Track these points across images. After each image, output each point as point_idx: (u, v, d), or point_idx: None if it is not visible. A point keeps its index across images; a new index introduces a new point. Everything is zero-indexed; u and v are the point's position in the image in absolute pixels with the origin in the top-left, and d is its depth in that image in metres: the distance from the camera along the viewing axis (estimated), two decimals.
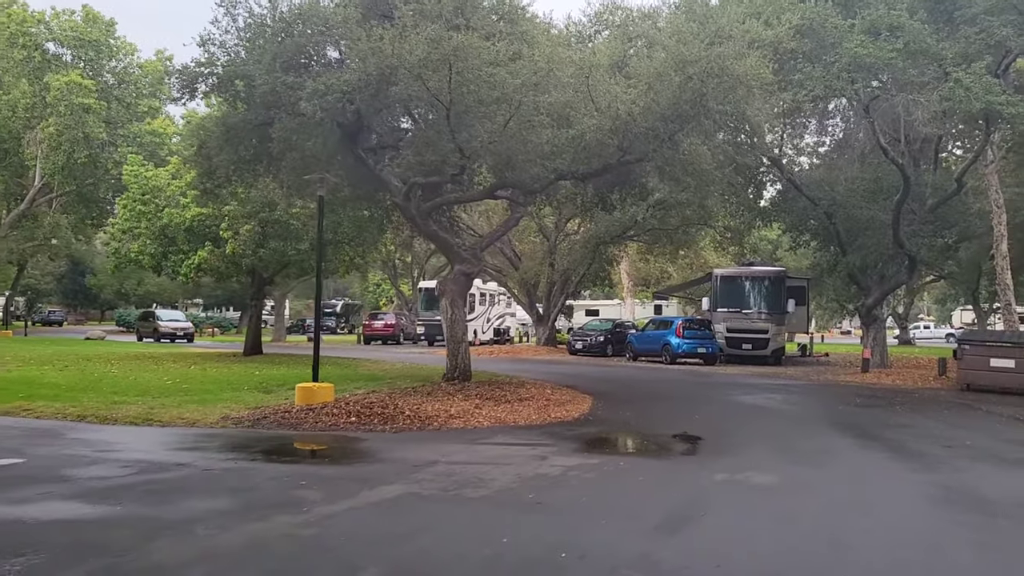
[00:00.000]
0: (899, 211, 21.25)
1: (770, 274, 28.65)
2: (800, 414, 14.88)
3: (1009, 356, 19.02)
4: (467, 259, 17.00)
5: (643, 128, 13.85)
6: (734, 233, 32.28)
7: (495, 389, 15.88)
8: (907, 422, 13.74)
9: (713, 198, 29.46)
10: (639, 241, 35.27)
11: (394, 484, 8.02)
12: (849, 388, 19.92)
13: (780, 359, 28.11)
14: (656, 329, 28.71)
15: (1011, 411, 15.64)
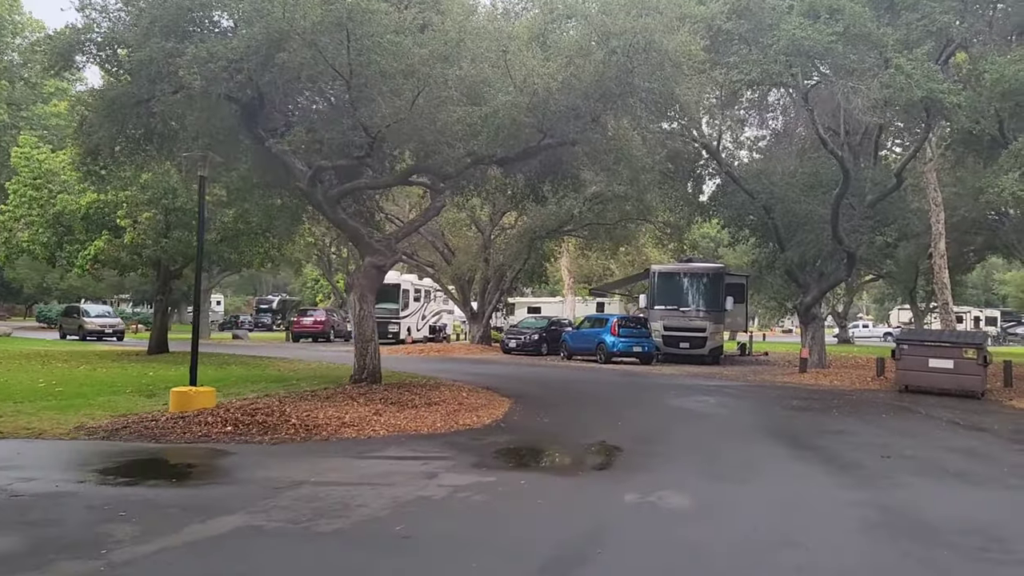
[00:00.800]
0: (838, 206, 20.48)
1: (709, 271, 27.81)
2: (731, 419, 13.85)
3: (947, 356, 18.34)
4: (379, 251, 15.59)
5: (564, 107, 12.64)
6: (674, 229, 31.42)
7: (404, 392, 14.52)
8: (844, 428, 12.79)
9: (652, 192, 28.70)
10: (577, 236, 34.23)
11: (235, 514, 6.64)
12: (786, 389, 19.06)
13: (718, 358, 27.29)
14: (591, 327, 27.64)
15: (950, 415, 14.86)
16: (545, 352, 30.00)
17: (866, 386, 20.19)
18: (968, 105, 16.85)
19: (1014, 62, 16.37)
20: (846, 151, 22.53)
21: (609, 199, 28.42)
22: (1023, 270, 51.56)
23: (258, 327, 61.82)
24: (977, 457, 10.45)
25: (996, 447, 11.42)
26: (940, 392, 18.57)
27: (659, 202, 29.62)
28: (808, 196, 21.89)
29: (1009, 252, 40.95)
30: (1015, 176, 16.13)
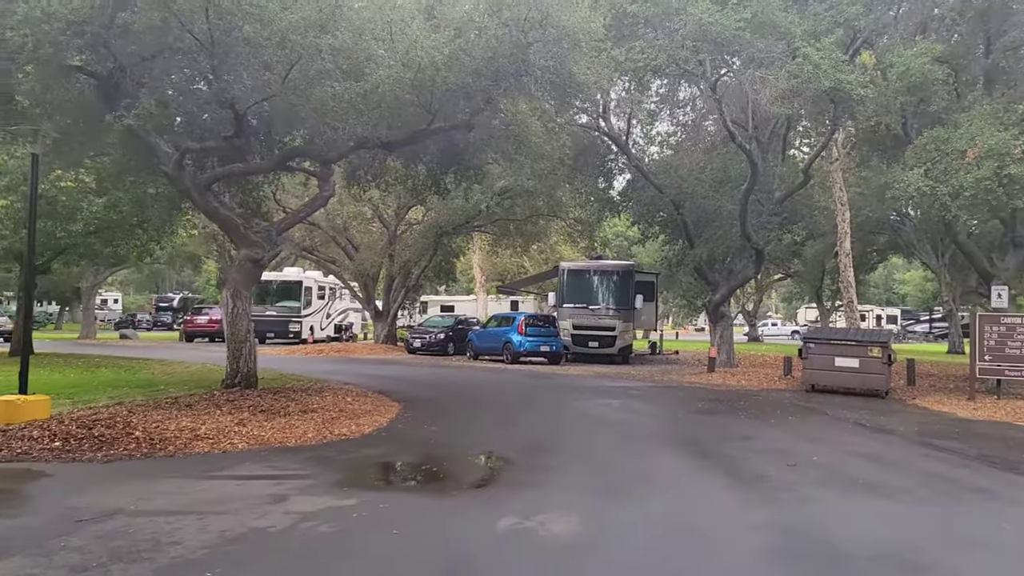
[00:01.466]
0: (746, 201, 20.03)
1: (619, 268, 27.18)
2: (633, 424, 13.00)
3: (853, 355, 18.05)
4: (256, 243, 14.17)
5: (453, 84, 11.53)
6: (584, 225, 30.72)
7: (280, 398, 13.17)
8: (749, 432, 12.09)
9: (562, 188, 27.93)
10: (486, 232, 33.23)
11: (12, 558, 5.31)
12: (693, 391, 18.44)
13: (628, 358, 26.69)
14: (498, 326, 26.66)
15: (856, 415, 14.41)
16: (452, 352, 28.88)
17: (773, 386, 19.79)
18: (874, 99, 16.53)
19: (919, 55, 16.10)
20: (755, 146, 22.18)
21: (518, 194, 27.53)
22: (921, 270, 53.12)
23: (157, 326, 58.81)
24: (886, 464, 9.83)
25: (904, 452, 10.87)
26: (846, 391, 18.29)
27: (570, 198, 28.93)
28: (717, 192, 21.42)
29: (910, 252, 42.01)
30: (920, 172, 15.85)
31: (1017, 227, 19.14)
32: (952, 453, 10.80)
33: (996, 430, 13.47)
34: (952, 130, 15.90)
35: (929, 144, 15.95)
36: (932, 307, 62.40)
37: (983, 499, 8.10)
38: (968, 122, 15.80)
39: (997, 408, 16.06)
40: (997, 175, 14.91)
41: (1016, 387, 18.75)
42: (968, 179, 15.08)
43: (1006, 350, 16.93)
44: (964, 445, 11.52)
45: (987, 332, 17.11)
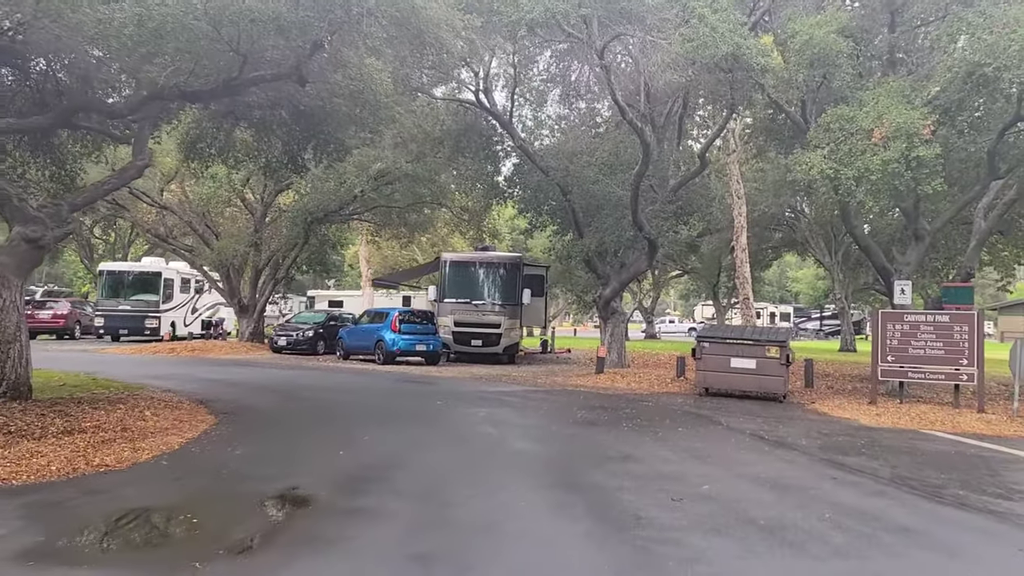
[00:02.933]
0: (638, 186, 18.24)
1: (505, 261, 25.10)
2: (497, 442, 10.84)
3: (750, 356, 16.48)
4: (36, 218, 11.30)
5: (258, 14, 9.04)
6: (472, 214, 28.52)
7: (50, 413, 10.39)
8: (631, 450, 10.12)
9: (446, 173, 25.67)
10: (364, 220, 30.62)
11: None
12: (576, 396, 16.49)
13: (514, 357, 24.66)
14: (370, 323, 24.14)
15: (753, 425, 12.71)
16: (322, 351, 26.19)
17: (665, 389, 18.08)
18: (775, 72, 14.94)
19: (822, 25, 14.57)
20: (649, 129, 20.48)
21: (397, 178, 25.10)
22: (814, 267, 53.40)
23: None
24: (790, 494, 7.97)
25: (809, 474, 9.08)
26: (742, 395, 16.75)
27: (456, 184, 26.73)
28: (608, 176, 19.57)
29: (804, 249, 41.74)
30: (824, 152, 14.30)
31: (920, 219, 17.99)
32: (863, 474, 9.09)
33: (904, 440, 11.98)
34: (857, 108, 14.42)
35: (833, 123, 14.43)
36: (823, 305, 63.22)
37: (913, 545, 6.28)
38: (874, 100, 14.34)
39: (900, 413, 14.72)
40: (905, 157, 13.47)
41: (917, 389, 17.61)
42: (875, 161, 13.60)
43: (909, 350, 15.65)
44: (875, 463, 9.86)
45: (889, 331, 15.79)
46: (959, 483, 8.87)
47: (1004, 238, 24.56)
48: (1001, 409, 15.40)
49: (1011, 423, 14.07)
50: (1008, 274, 32.78)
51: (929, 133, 13.81)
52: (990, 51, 13.24)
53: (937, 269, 26.60)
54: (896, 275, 17.70)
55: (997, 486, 8.83)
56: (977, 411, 14.93)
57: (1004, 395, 17.86)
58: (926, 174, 13.74)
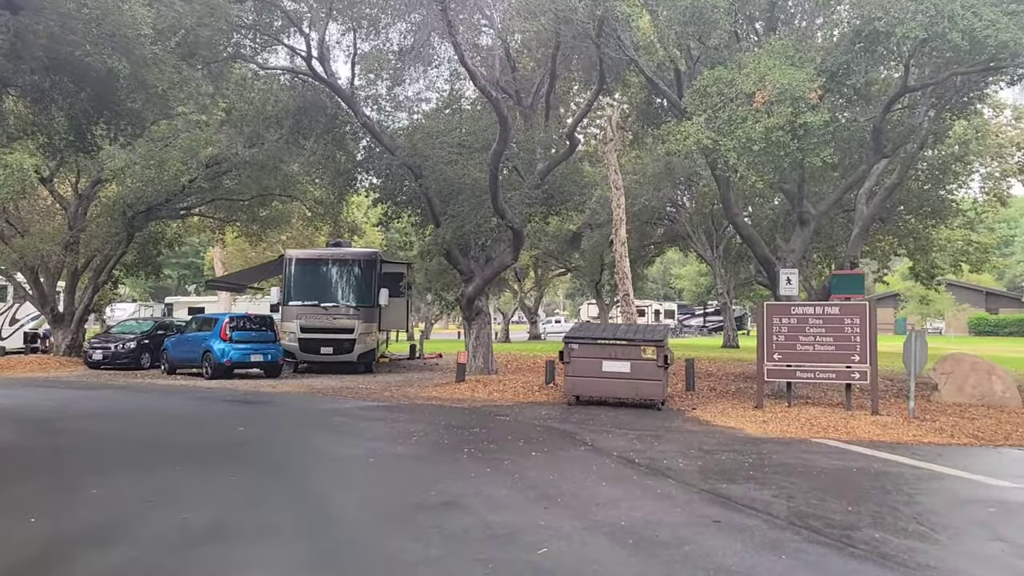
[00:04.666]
0: (496, 166, 15.94)
1: (360, 258, 22.31)
2: (271, 485, 8.19)
3: (624, 358, 14.41)
4: None
5: None
6: (326, 207, 25.56)
7: None
8: (460, 491, 7.69)
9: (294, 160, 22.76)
10: (203, 215, 27.19)
11: None
12: (424, 411, 13.98)
13: (371, 365, 21.92)
14: (198, 330, 20.86)
15: (624, 443, 10.54)
16: (147, 365, 22.66)
17: (531, 398, 15.82)
18: (647, 30, 12.91)
19: None
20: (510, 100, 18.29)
21: (236, 165, 21.95)
22: (696, 263, 52.87)
23: None
24: (659, 553, 5.72)
25: (686, 517, 6.88)
26: (617, 402, 14.68)
27: (304, 173, 23.77)
28: (465, 157, 17.18)
29: (686, 245, 40.74)
30: (701, 121, 12.32)
31: (804, 202, 16.41)
32: (753, 513, 6.98)
33: (797, 455, 10.08)
34: (737, 71, 12.51)
35: (710, 86, 12.48)
36: (706, 301, 63.13)
37: None
38: (755, 60, 12.47)
39: (789, 419, 12.94)
40: (791, 124, 11.63)
41: (806, 389, 16.00)
42: (758, 129, 11.70)
43: (797, 346, 13.91)
44: (766, 492, 7.80)
45: (776, 325, 14.03)
46: (871, 519, 6.88)
47: (884, 226, 23.63)
48: (896, 410, 13.88)
49: (908, 426, 12.49)
50: (884, 265, 32.36)
51: (816, 98, 12.03)
52: (881, 4, 11.58)
53: (817, 261, 25.58)
54: (781, 263, 16.03)
55: (917, 519, 6.90)
56: (871, 413, 13.32)
57: (895, 392, 16.51)
58: (814, 144, 11.96)
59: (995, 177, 29.15)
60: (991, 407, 14.32)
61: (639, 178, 33.40)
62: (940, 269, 30.71)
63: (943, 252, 29.48)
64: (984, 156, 26.61)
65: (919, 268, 29.62)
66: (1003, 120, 28.94)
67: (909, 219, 23.09)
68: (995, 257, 33.65)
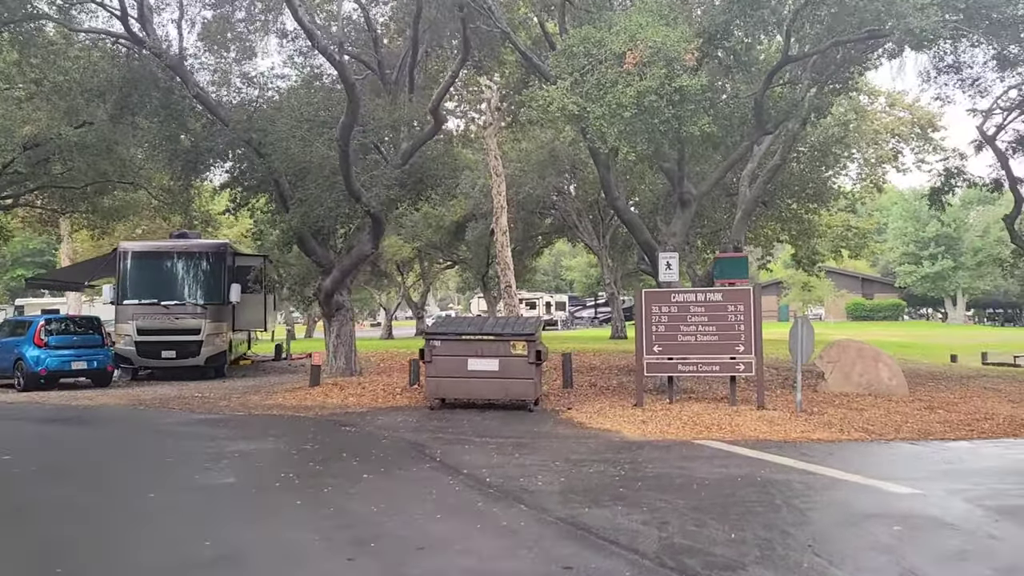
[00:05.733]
0: (347, 141, 14.10)
1: (207, 250, 19.93)
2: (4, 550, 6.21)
3: (492, 354, 12.87)
4: None
5: None
6: (174, 196, 22.95)
7: None
8: (254, 535, 5.93)
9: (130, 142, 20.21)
10: (31, 206, 24.14)
11: None
12: (258, 423, 12.04)
13: (223, 369, 19.63)
14: (11, 335, 18.06)
15: (481, 458, 8.98)
16: None
17: (391, 402, 14.09)
18: None
19: None
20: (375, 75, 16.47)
21: (61, 148, 19.19)
22: (585, 254, 52.19)
23: None
24: None
25: (532, 565, 5.36)
26: (487, 404, 13.13)
27: (146, 156, 21.18)
28: (314, 134, 15.24)
29: (573, 235, 39.74)
30: (567, 85, 10.86)
31: (685, 181, 15.27)
32: (616, 552, 5.56)
33: (677, 463, 8.79)
34: (606, 30, 11.11)
35: (576, 46, 11.05)
36: (596, 292, 62.77)
37: None
38: (627, 18, 11.10)
39: (671, 417, 11.72)
40: (665, 88, 10.30)
41: (690, 381, 14.87)
42: (628, 93, 10.32)
43: (679, 337, 12.71)
44: (636, 517, 6.39)
45: (655, 314, 12.78)
46: (759, 550, 5.55)
47: (767, 211, 23.04)
48: (783, 402, 12.89)
49: (795, 420, 11.47)
50: (768, 252, 32.15)
51: (693, 60, 10.77)
52: None
53: (701, 247, 24.87)
54: (661, 247, 14.84)
55: (813, 547, 5.64)
56: (757, 408, 12.26)
57: (782, 382, 15.62)
58: (691, 111, 10.69)
59: (871, 163, 29.34)
60: (879, 396, 13.55)
61: (523, 166, 32.09)
62: (821, 255, 30.77)
63: (824, 238, 29.50)
64: (861, 143, 26.62)
65: (801, 254, 29.51)
66: (878, 107, 29.13)
67: (791, 203, 22.58)
68: (872, 242, 34.02)
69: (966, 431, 11.02)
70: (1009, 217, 18.20)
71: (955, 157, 18.38)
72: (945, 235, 60.66)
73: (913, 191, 61.90)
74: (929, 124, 28.49)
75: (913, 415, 12.00)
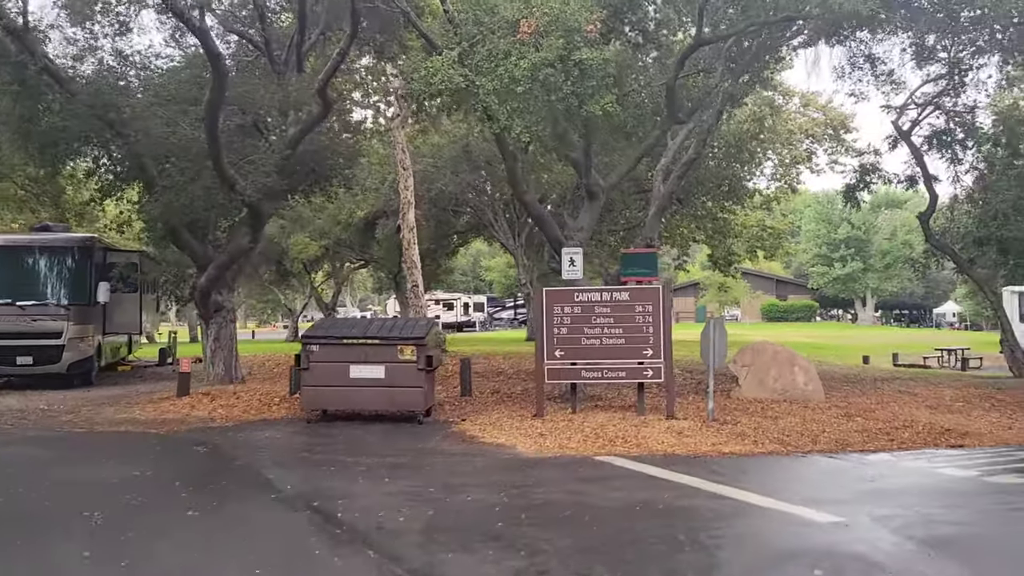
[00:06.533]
0: (214, 120, 12.50)
1: (70, 244, 17.81)
2: None
3: (377, 360, 11.50)
4: None
5: None
6: (41, 186, 20.71)
7: None
8: None
9: None
10: None
11: None
12: (94, 443, 10.34)
13: (90, 376, 17.59)
14: None
15: (338, 485, 7.63)
16: None
17: (266, 414, 12.53)
18: None
19: None
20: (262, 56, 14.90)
21: None
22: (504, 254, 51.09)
23: None
24: None
25: None
26: (372, 416, 11.75)
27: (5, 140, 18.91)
28: (182, 113, 13.55)
29: (489, 234, 38.55)
30: (454, 56, 9.58)
31: (592, 172, 14.19)
32: None
33: (571, 487, 7.64)
34: None
35: (466, 13, 9.76)
36: (515, 293, 61.80)
37: None
38: None
39: (573, 430, 10.59)
40: (563, 60, 9.13)
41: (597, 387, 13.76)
42: (522, 65, 9.11)
43: (583, 340, 11.60)
44: (510, 565, 5.16)
45: (557, 315, 11.63)
46: None
47: (683, 208, 22.30)
48: (695, 410, 11.90)
49: (706, 431, 10.48)
50: (684, 252, 31.63)
51: (596, 32, 9.63)
52: None
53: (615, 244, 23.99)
54: (568, 242, 13.71)
55: None
56: (667, 417, 11.22)
57: (695, 387, 14.70)
58: (592, 88, 9.53)
59: (786, 164, 29.05)
60: (794, 402, 12.71)
61: (435, 161, 30.73)
62: (737, 256, 30.41)
63: (740, 238, 29.08)
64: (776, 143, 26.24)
65: (717, 255, 29.05)
66: (792, 107, 28.86)
67: (707, 201, 21.88)
68: (787, 243, 33.87)
69: (886, 441, 10.23)
70: (924, 215, 17.80)
71: (870, 153, 17.89)
72: (855, 238, 61.89)
73: (826, 194, 63.05)
74: (842, 125, 28.33)
75: (830, 423, 11.17)
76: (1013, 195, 14.99)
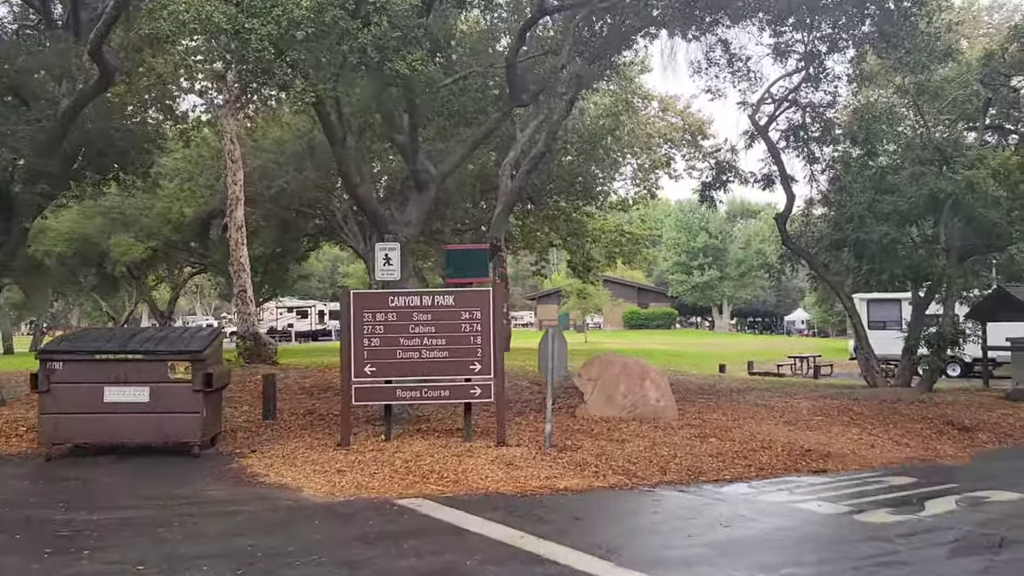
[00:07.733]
0: None
1: None
2: None
3: (140, 380, 9.18)
4: None
5: None
6: None
7: None
8: None
9: None
10: None
11: None
12: None
13: None
14: None
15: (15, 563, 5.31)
16: None
17: (2, 447, 9.88)
18: None
19: None
20: None
21: None
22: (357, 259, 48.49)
23: None
24: None
25: None
26: (136, 449, 9.37)
27: None
28: None
29: (341, 238, 36.04)
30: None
31: (420, 157, 12.28)
32: None
33: (346, 555, 5.77)
34: None
35: None
36: None
37: None
38: None
39: (381, 462, 8.68)
40: (359, 3, 7.20)
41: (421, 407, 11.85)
42: (303, 5, 7.10)
43: (399, 353, 9.65)
44: None
45: (368, 323, 9.64)
46: None
47: (536, 210, 20.82)
48: (532, 434, 10.18)
49: (541, 461, 8.77)
50: (543, 257, 30.33)
51: None
52: None
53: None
54: (391, 237, 11.72)
55: None
56: (497, 444, 9.45)
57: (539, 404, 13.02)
58: (397, 39, 7.63)
59: (645, 168, 28.27)
60: (645, 421, 11.22)
61: (277, 157, 28.10)
62: (596, 262, 29.38)
63: (598, 243, 28.07)
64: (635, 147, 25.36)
65: (576, 260, 27.92)
66: (652, 111, 28.15)
67: (559, 200, 20.49)
68: (645, 249, 33.22)
69: (743, 467, 8.85)
70: (781, 216, 17.01)
71: (727, 151, 16.95)
72: (712, 246, 63.01)
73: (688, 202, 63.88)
74: (700, 131, 27.82)
75: (683, 446, 9.71)
76: (868, 197, 14.27)
